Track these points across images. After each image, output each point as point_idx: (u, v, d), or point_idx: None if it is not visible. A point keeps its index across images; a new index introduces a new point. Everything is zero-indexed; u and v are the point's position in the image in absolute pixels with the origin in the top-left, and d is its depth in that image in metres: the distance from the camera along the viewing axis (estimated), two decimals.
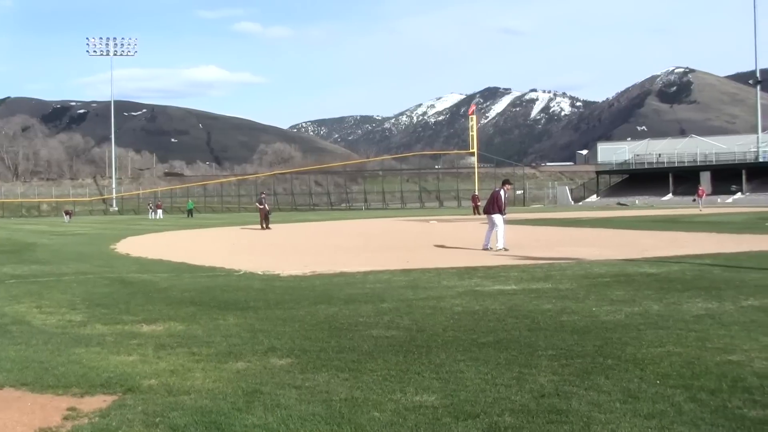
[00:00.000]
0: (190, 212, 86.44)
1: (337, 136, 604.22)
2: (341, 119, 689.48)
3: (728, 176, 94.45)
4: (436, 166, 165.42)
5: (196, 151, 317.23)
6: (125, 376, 6.58)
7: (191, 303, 11.14)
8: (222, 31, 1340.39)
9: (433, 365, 6.74)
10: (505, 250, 20.36)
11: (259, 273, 15.66)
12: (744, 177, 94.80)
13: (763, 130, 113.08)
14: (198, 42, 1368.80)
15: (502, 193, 21.73)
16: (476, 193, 69.88)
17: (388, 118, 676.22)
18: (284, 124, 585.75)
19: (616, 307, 9.97)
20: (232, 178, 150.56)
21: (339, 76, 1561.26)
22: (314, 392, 5.89)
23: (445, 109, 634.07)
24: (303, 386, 6.08)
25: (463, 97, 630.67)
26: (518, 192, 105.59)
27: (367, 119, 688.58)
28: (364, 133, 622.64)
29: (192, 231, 41.91)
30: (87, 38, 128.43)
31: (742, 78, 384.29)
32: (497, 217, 21.20)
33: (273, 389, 6.00)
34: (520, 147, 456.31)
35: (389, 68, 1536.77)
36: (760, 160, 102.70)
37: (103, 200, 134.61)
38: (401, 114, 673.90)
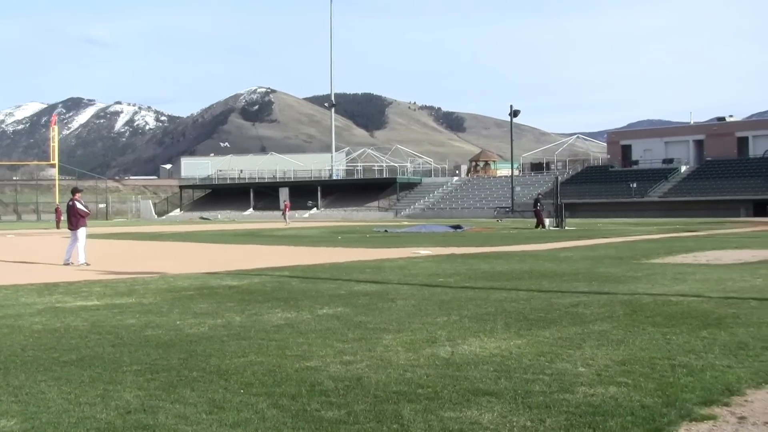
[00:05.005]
0: None
1: None
2: None
3: (305, 192, 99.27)
4: (14, 178, 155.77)
5: None
6: None
7: None
8: None
9: (11, 387, 6.43)
10: (87, 264, 19.85)
11: None
12: (319, 193, 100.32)
13: (336, 150, 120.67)
14: None
15: (78, 204, 21.19)
16: (59, 206, 67.11)
17: None
18: None
19: (199, 319, 10.13)
20: None
21: None
22: None
23: (24, 118, 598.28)
24: None
25: (45, 106, 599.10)
26: (101, 205, 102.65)
27: None
28: None
29: None
30: None
31: (318, 101, 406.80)
32: (81, 231, 20.67)
33: None
34: (103, 159, 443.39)
35: None
36: (334, 177, 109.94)
37: None
38: None
